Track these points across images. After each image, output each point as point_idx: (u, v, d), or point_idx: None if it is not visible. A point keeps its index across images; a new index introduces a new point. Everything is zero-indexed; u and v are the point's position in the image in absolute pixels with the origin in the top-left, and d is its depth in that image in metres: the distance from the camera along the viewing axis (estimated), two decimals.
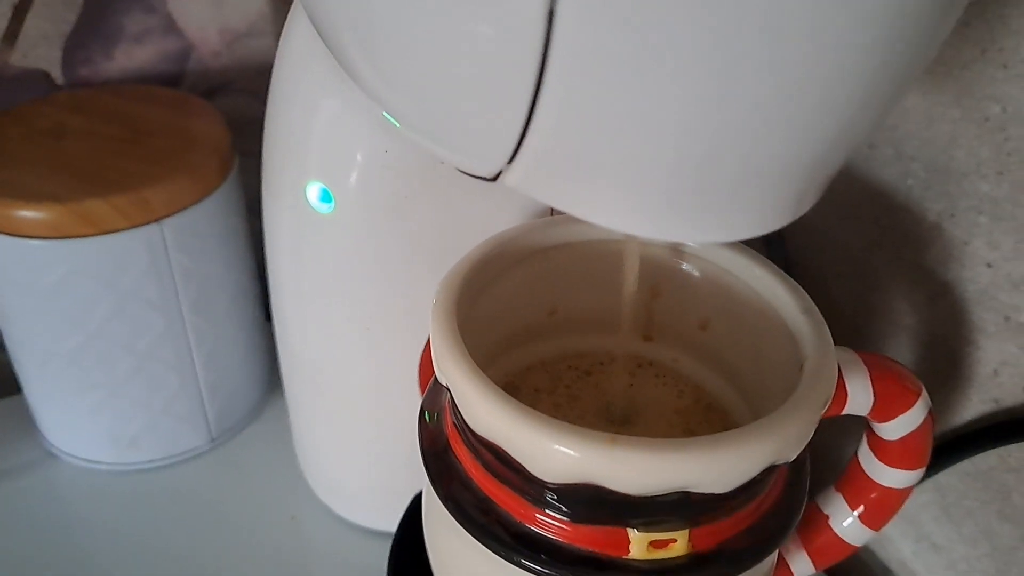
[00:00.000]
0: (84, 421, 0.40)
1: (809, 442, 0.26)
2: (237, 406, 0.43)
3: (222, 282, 0.40)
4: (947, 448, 0.34)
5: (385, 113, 0.22)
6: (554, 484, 0.22)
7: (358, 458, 0.37)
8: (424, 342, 0.31)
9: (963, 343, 0.33)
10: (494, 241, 0.28)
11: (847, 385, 0.26)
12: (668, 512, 0.23)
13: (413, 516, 0.36)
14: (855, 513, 0.30)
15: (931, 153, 0.32)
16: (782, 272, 0.27)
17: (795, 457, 0.23)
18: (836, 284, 0.38)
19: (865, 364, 0.27)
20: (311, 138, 0.29)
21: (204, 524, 0.40)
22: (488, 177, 0.20)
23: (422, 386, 0.32)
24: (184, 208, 0.36)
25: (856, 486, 0.30)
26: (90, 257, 0.35)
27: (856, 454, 0.30)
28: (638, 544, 0.23)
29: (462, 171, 0.21)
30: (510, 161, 0.19)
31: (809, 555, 0.31)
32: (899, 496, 0.30)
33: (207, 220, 0.38)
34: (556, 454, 0.22)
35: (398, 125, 0.22)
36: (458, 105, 0.19)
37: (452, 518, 0.26)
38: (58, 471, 0.42)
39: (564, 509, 0.23)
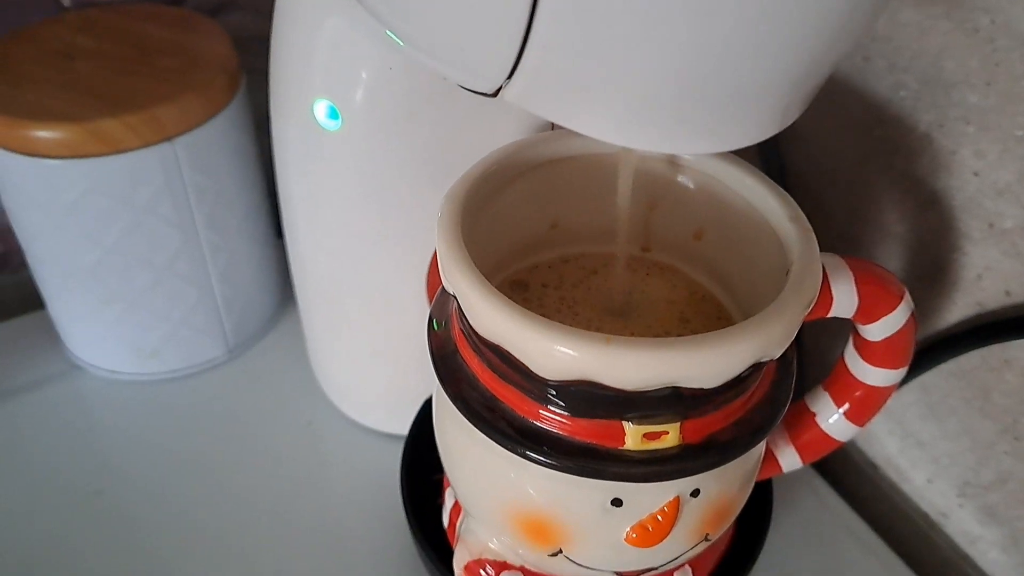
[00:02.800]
0: (107, 333, 0.42)
1: (795, 342, 0.27)
2: (252, 319, 0.45)
3: (234, 199, 0.41)
4: (933, 349, 0.36)
5: (388, 31, 0.23)
6: (554, 381, 0.24)
7: (370, 365, 0.39)
8: (431, 254, 0.33)
9: (949, 249, 0.34)
10: (496, 155, 0.29)
11: (832, 288, 0.28)
12: (660, 406, 0.24)
13: (424, 419, 0.38)
14: (840, 410, 0.32)
15: (922, 65, 0.33)
16: (773, 182, 0.29)
17: (780, 354, 0.25)
18: (830, 194, 0.39)
19: (850, 268, 0.28)
20: (317, 56, 0.30)
21: (223, 431, 0.42)
22: (489, 93, 0.21)
23: (430, 295, 0.33)
24: (195, 127, 0.37)
25: (842, 385, 0.32)
26: (106, 176, 0.37)
27: (842, 355, 0.32)
28: (632, 436, 0.25)
29: (464, 87, 0.22)
30: (509, 77, 0.20)
31: (797, 450, 0.33)
32: (882, 394, 0.31)
33: (218, 138, 0.39)
34: (556, 354, 0.23)
35: (401, 44, 0.23)
36: (457, 21, 0.20)
37: (461, 416, 0.27)
38: (82, 382, 0.44)
39: (564, 405, 0.25)
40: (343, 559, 0.37)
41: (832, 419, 0.32)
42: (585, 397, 0.24)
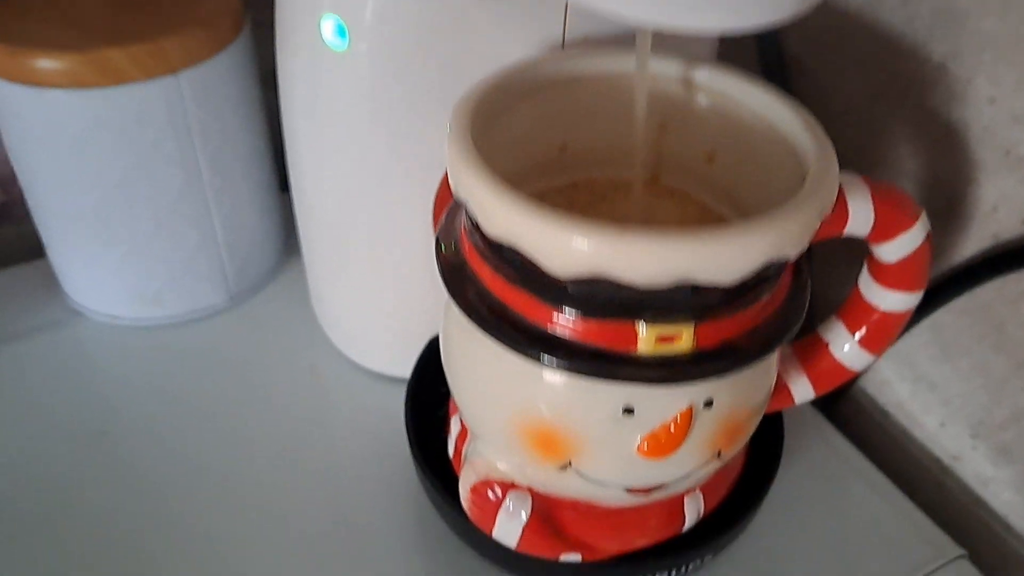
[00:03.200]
0: (108, 278, 0.41)
1: (808, 271, 0.27)
2: (255, 266, 0.45)
3: (238, 141, 0.41)
4: (947, 284, 0.35)
5: None
6: (567, 278, 0.23)
7: (374, 303, 0.38)
8: (438, 181, 0.32)
9: (964, 182, 0.34)
10: (505, 71, 0.28)
11: (849, 203, 0.27)
12: (674, 307, 0.24)
13: (428, 358, 0.37)
14: (855, 338, 0.32)
15: None
16: (787, 96, 0.28)
17: (795, 256, 0.24)
18: (842, 134, 0.38)
19: (867, 185, 0.28)
20: None
21: (224, 376, 0.41)
22: None
23: (436, 222, 0.33)
24: (200, 61, 0.37)
25: (856, 312, 0.31)
26: (109, 109, 0.36)
27: (857, 283, 0.31)
28: (646, 339, 0.24)
29: None
30: None
31: (810, 379, 0.33)
32: (897, 320, 0.31)
33: (223, 75, 0.38)
34: (569, 248, 0.23)
35: None
36: None
37: (472, 331, 0.27)
38: (83, 328, 0.43)
39: (576, 306, 0.24)
40: (348, 499, 0.36)
41: (846, 347, 0.32)
42: (598, 297, 0.24)
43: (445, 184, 0.32)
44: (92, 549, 0.34)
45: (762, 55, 0.40)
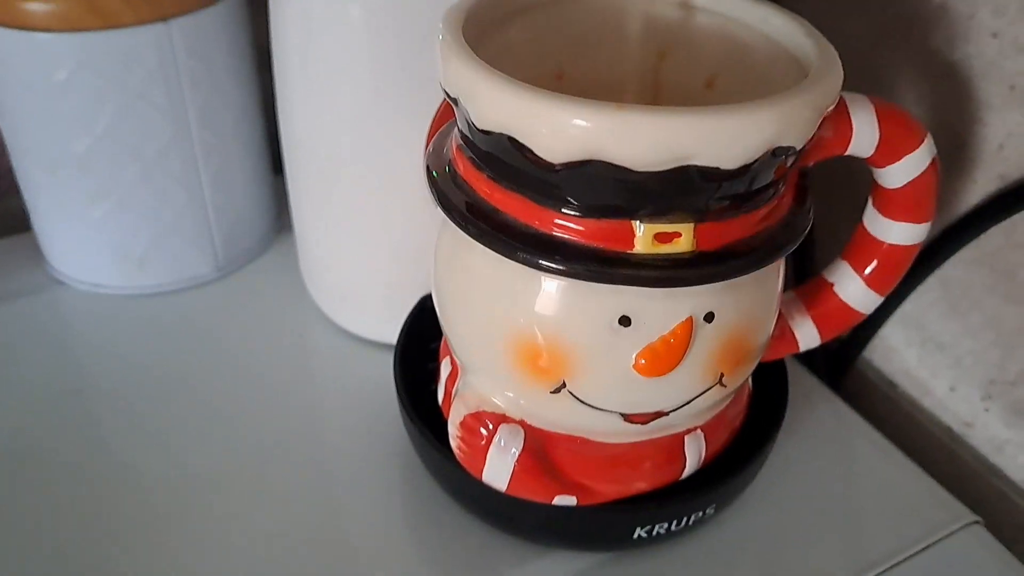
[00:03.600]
0: (92, 236, 0.40)
1: (806, 162, 0.26)
2: (243, 235, 0.43)
3: (229, 96, 0.40)
4: (952, 232, 0.34)
5: None
6: (562, 165, 0.22)
7: (365, 265, 0.37)
8: (427, 118, 0.31)
9: (969, 122, 0.33)
10: None
11: (852, 119, 0.27)
12: (673, 203, 0.23)
13: (417, 317, 0.36)
14: (861, 276, 0.30)
15: None
16: (793, 14, 0.27)
17: (799, 147, 0.23)
18: (848, 81, 0.38)
19: (872, 103, 0.27)
20: None
21: (209, 350, 0.40)
22: None
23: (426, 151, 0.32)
24: (193, 10, 0.37)
25: (862, 249, 0.30)
26: (99, 51, 0.35)
27: (862, 219, 0.30)
28: (643, 237, 0.23)
29: None
30: None
31: (815, 322, 0.32)
32: (905, 254, 0.30)
33: (215, 28, 0.38)
34: (564, 127, 0.22)
35: None
36: None
37: (465, 246, 0.26)
38: (64, 296, 0.42)
39: (572, 199, 0.23)
40: (338, 464, 0.35)
41: (852, 287, 0.31)
42: (594, 184, 0.23)
43: (436, 120, 0.31)
44: (64, 508, 0.32)
45: None
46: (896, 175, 0.28)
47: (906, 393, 0.39)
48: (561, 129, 0.22)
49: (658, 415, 0.27)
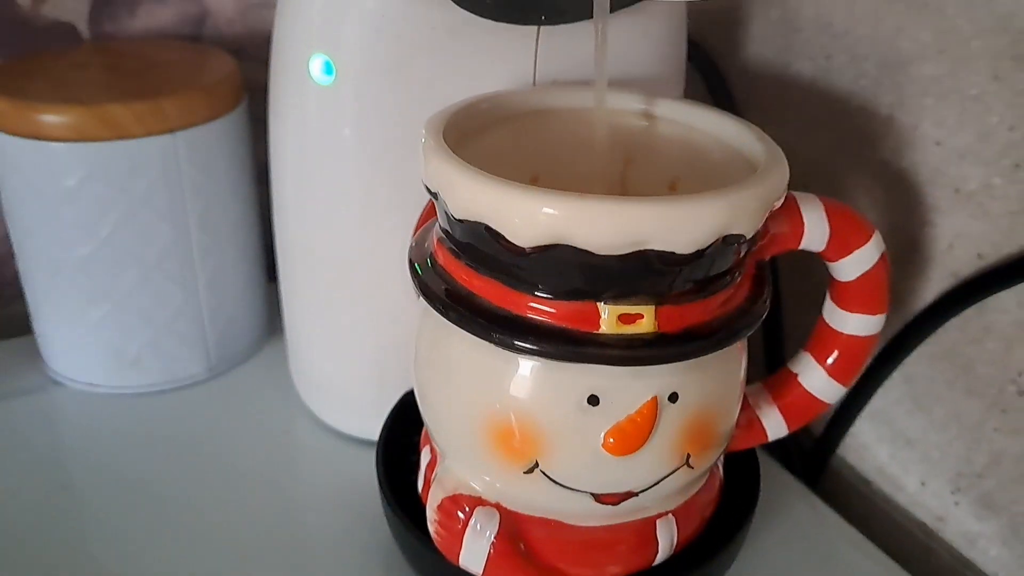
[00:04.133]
0: (89, 337, 0.42)
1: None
2: (236, 337, 0.45)
3: (227, 204, 0.42)
4: (912, 329, 0.36)
5: None
6: (532, 248, 0.24)
7: (350, 351, 0.38)
8: (415, 214, 0.33)
9: (920, 224, 0.35)
10: (479, 96, 0.31)
11: (804, 216, 0.29)
12: (634, 282, 0.25)
13: (400, 411, 0.37)
14: (823, 367, 0.32)
15: (880, 49, 0.35)
16: (746, 121, 0.30)
17: (748, 236, 0.25)
18: (807, 190, 0.40)
19: (822, 202, 0.29)
20: (315, 13, 0.32)
21: (199, 449, 0.41)
22: None
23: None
24: (198, 123, 0.39)
25: (823, 340, 0.32)
26: (107, 160, 0.38)
27: (821, 313, 0.32)
28: (608, 318, 0.25)
29: None
30: None
31: (781, 412, 0.33)
32: (863, 345, 0.31)
33: (218, 140, 0.41)
34: (534, 213, 0.24)
35: None
36: None
37: (442, 330, 0.28)
38: (60, 396, 0.43)
39: (541, 282, 0.25)
40: (323, 557, 0.35)
41: (815, 377, 0.32)
42: (561, 267, 0.24)
43: (420, 221, 0.33)
44: None
45: None
46: (848, 268, 0.30)
47: (880, 490, 0.40)
48: (531, 216, 0.24)
49: (628, 495, 0.28)
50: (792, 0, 0.38)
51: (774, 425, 0.33)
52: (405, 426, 0.36)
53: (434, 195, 0.27)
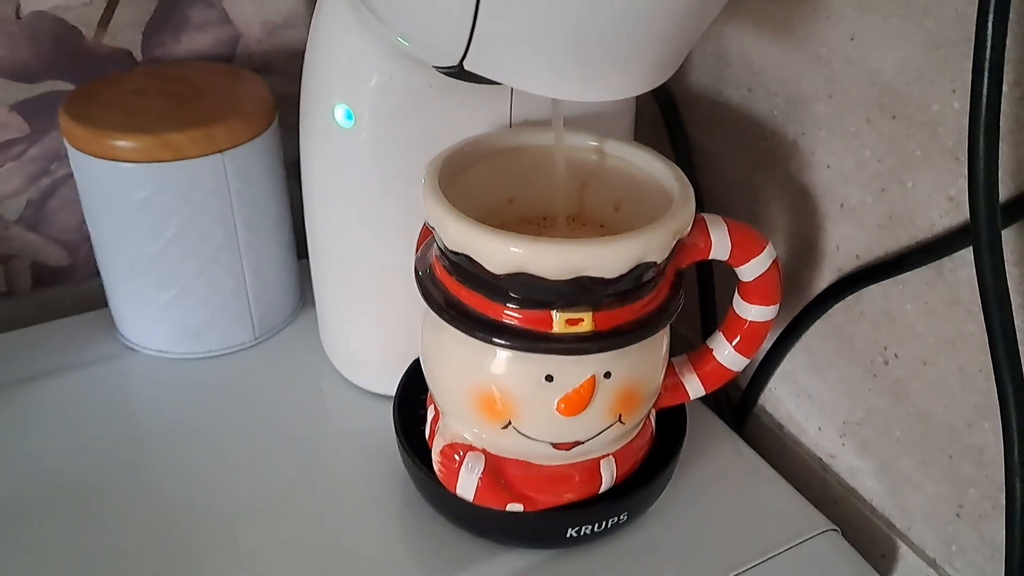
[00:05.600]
0: (159, 316, 0.52)
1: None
2: (275, 311, 0.55)
3: (266, 207, 0.52)
4: (809, 310, 0.45)
5: (398, 39, 0.35)
6: (502, 275, 0.34)
7: (369, 330, 0.48)
8: (418, 229, 0.43)
9: (816, 229, 0.45)
10: (466, 139, 0.40)
11: (711, 234, 0.38)
12: (577, 297, 0.34)
13: (410, 374, 0.47)
14: (732, 344, 0.42)
15: (787, 88, 0.44)
16: (669, 161, 0.39)
17: (660, 260, 0.35)
18: (732, 199, 0.50)
19: (725, 222, 0.38)
20: (337, 69, 0.41)
21: (247, 403, 0.51)
22: (453, 66, 0.32)
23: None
24: (240, 144, 0.48)
25: (731, 324, 0.42)
26: (169, 178, 0.47)
27: (731, 304, 0.42)
28: (559, 321, 0.35)
29: (438, 67, 0.33)
30: (464, 54, 0.31)
31: (700, 379, 0.43)
32: (761, 328, 0.41)
33: (256, 155, 0.50)
34: (502, 251, 0.33)
35: (406, 44, 0.34)
36: (426, 17, 0.32)
37: (440, 325, 0.37)
38: (136, 361, 0.53)
39: (510, 297, 0.35)
40: (348, 489, 0.46)
41: (726, 352, 0.42)
42: (524, 288, 0.34)
43: (423, 232, 0.42)
44: (123, 543, 0.42)
45: (672, 138, 0.51)
46: (748, 271, 0.39)
47: (789, 433, 0.50)
48: (501, 253, 0.33)
49: (577, 444, 0.38)
50: (724, 40, 0.47)
51: (694, 388, 0.43)
52: (415, 386, 0.46)
53: (431, 228, 0.36)
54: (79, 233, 0.58)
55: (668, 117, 0.52)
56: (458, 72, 0.33)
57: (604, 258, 0.33)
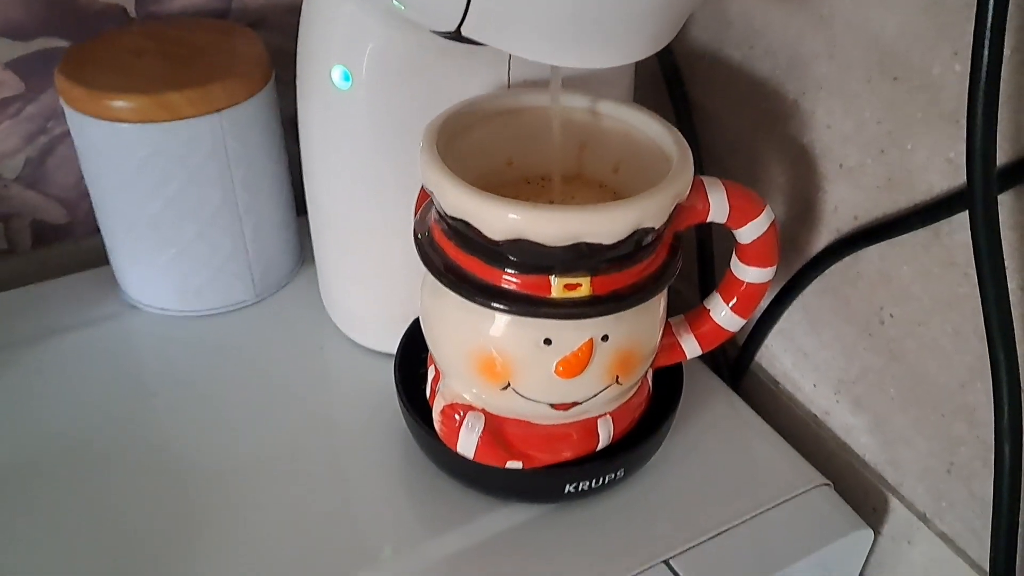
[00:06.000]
0: (159, 276, 0.52)
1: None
2: (275, 269, 0.55)
3: (263, 168, 0.51)
4: (807, 270, 0.46)
5: (394, 2, 0.34)
6: (501, 241, 0.34)
7: (370, 289, 0.49)
8: (418, 191, 0.43)
9: (814, 190, 0.45)
10: (464, 101, 0.40)
11: (709, 197, 0.38)
12: (575, 262, 0.35)
13: (411, 333, 0.47)
14: (729, 305, 0.42)
15: (788, 48, 0.44)
16: (667, 122, 0.39)
17: (658, 226, 0.35)
18: (731, 159, 0.50)
19: (723, 184, 0.38)
20: (335, 32, 0.41)
21: (249, 360, 0.52)
22: (451, 31, 0.32)
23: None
24: (237, 103, 0.48)
25: (729, 286, 0.42)
26: (167, 139, 0.47)
27: (729, 265, 0.42)
28: (557, 286, 0.35)
29: (435, 31, 0.33)
30: (463, 18, 0.31)
31: (696, 339, 0.43)
32: (758, 290, 0.41)
33: (253, 115, 0.49)
34: (501, 218, 0.33)
35: (402, 8, 0.34)
36: None
37: (440, 288, 0.37)
38: (138, 319, 0.54)
39: (508, 263, 0.35)
40: (350, 446, 0.46)
41: (723, 313, 0.42)
42: (522, 254, 0.34)
43: (422, 194, 0.42)
44: (125, 500, 0.43)
45: (671, 96, 0.51)
46: (746, 234, 0.40)
47: (785, 390, 0.51)
48: (499, 219, 0.33)
49: (575, 404, 0.38)
50: None
51: (691, 348, 0.43)
52: (415, 345, 0.46)
53: (430, 192, 0.36)
54: (78, 190, 0.58)
55: (668, 75, 0.51)
56: (456, 37, 0.33)
57: (602, 225, 0.33)
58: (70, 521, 0.42)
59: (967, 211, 0.35)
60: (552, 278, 0.35)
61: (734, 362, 0.53)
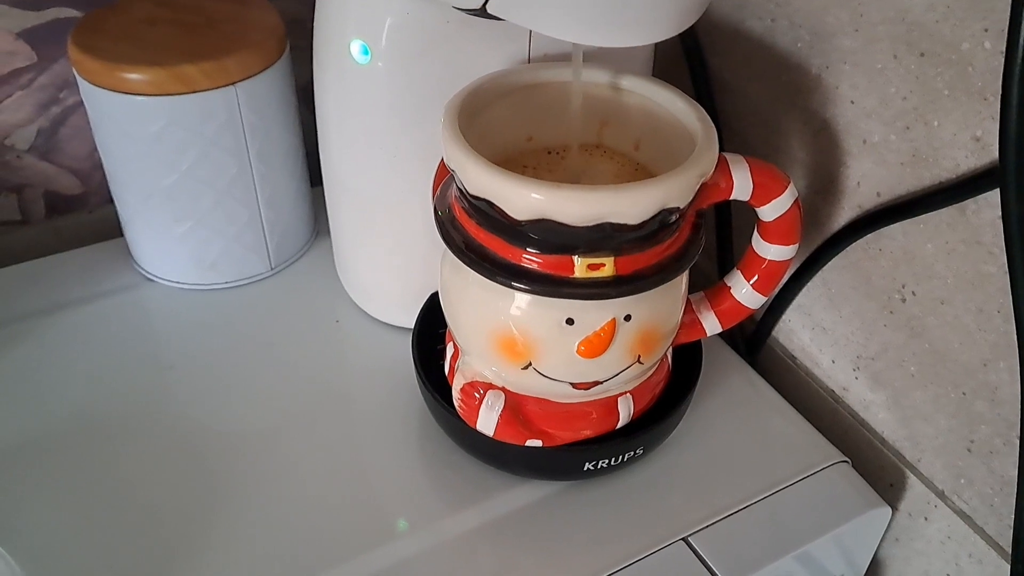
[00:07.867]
0: (175, 248, 0.52)
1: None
2: (290, 242, 0.55)
3: (278, 139, 0.51)
4: (828, 246, 0.45)
5: None
6: (524, 221, 0.34)
7: (387, 263, 0.48)
8: (436, 164, 0.42)
9: (837, 165, 0.44)
10: (485, 77, 0.39)
11: (733, 175, 0.38)
12: (599, 242, 0.34)
13: (429, 308, 0.47)
14: (750, 283, 0.42)
15: (812, 21, 0.43)
16: (690, 98, 0.39)
17: (683, 206, 0.35)
18: (751, 132, 0.49)
19: (747, 161, 0.38)
20: (354, 7, 0.40)
21: (264, 332, 0.52)
22: (476, 8, 0.31)
23: (434, 196, 0.43)
24: (252, 75, 0.48)
25: (750, 263, 0.42)
26: (182, 111, 0.47)
27: (750, 242, 0.42)
28: (581, 266, 0.35)
29: (459, 7, 0.32)
30: None
31: (717, 316, 0.43)
32: (779, 268, 0.41)
33: (268, 86, 0.49)
34: (525, 197, 0.33)
35: None
36: None
37: (461, 267, 0.37)
38: (154, 291, 0.54)
39: (531, 242, 0.35)
40: (367, 421, 0.47)
41: (744, 290, 0.42)
42: (545, 234, 0.34)
43: (440, 169, 0.42)
44: (142, 471, 0.44)
45: (692, 73, 0.51)
46: (769, 212, 0.39)
47: (803, 365, 0.51)
48: (523, 199, 0.33)
49: (596, 383, 0.38)
50: None
51: (711, 325, 0.43)
52: (433, 320, 0.46)
53: (452, 171, 0.36)
54: (91, 161, 0.58)
55: (688, 47, 0.51)
56: (481, 14, 0.32)
57: (627, 205, 0.33)
58: (85, 494, 0.42)
59: (997, 189, 0.35)
60: (575, 258, 0.35)
61: (751, 336, 0.53)
